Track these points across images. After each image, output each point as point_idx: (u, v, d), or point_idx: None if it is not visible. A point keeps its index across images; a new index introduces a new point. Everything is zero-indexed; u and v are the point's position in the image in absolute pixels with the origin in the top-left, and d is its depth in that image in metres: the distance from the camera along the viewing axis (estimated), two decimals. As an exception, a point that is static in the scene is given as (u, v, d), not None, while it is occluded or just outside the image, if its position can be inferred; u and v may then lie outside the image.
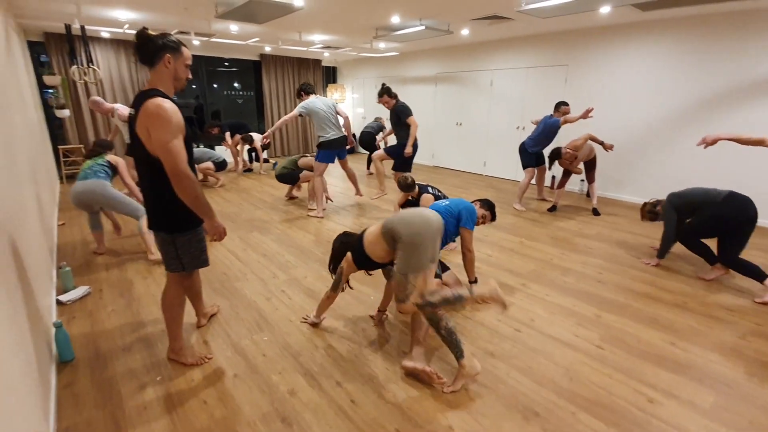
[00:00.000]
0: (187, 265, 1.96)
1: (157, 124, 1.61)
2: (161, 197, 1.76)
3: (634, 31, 5.13)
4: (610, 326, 2.49)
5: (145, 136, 1.66)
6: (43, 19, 5.13)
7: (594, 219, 4.68)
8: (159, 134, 1.61)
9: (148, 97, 1.64)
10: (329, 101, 4.44)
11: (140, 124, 1.65)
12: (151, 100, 1.63)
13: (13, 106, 3.07)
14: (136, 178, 2.12)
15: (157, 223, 1.85)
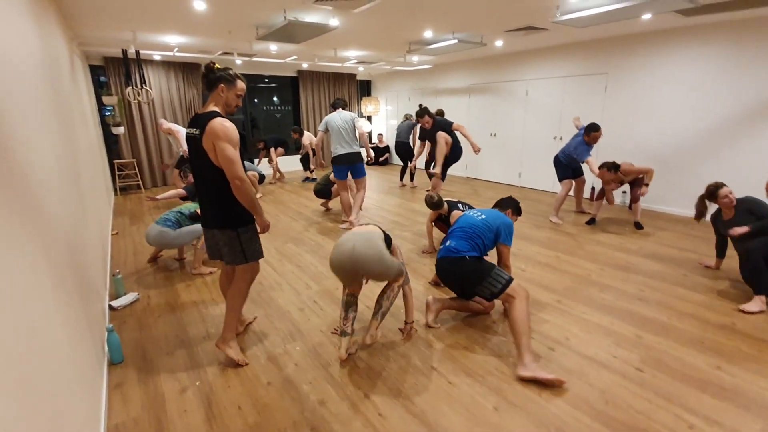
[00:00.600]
0: (249, 257, 2.21)
1: (221, 139, 1.95)
2: (226, 199, 2.08)
3: (677, 36, 4.92)
4: (651, 347, 2.37)
5: (210, 150, 1.99)
6: (103, 46, 5.62)
7: (636, 233, 4.47)
8: (222, 147, 1.95)
9: (211, 118, 1.98)
10: (348, 116, 4.49)
11: (207, 140, 1.98)
12: (216, 119, 1.97)
13: (77, 125, 3.38)
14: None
15: (224, 222, 2.14)
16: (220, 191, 2.07)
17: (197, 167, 2.12)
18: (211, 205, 2.14)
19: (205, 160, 2.02)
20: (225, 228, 2.14)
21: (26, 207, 1.27)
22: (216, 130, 1.95)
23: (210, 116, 1.99)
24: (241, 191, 2.01)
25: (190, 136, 2.09)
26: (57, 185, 1.88)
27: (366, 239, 2.21)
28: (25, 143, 1.43)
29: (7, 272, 0.98)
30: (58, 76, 2.84)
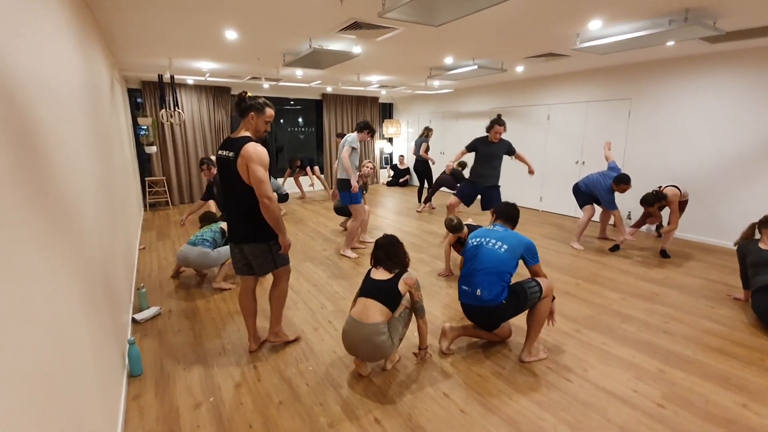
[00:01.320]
0: (278, 264, 2.47)
1: (254, 161, 2.19)
2: (257, 216, 2.28)
3: (703, 63, 4.85)
4: (675, 383, 2.27)
5: (244, 171, 2.21)
6: (142, 71, 5.99)
7: (662, 261, 4.32)
8: (254, 169, 2.18)
9: (245, 142, 2.22)
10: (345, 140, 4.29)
11: (241, 162, 2.20)
12: (250, 144, 2.22)
13: (113, 144, 3.60)
14: None
15: (256, 236, 2.35)
16: (251, 208, 2.27)
17: (229, 187, 2.31)
18: (243, 222, 2.33)
19: (237, 180, 2.23)
20: (257, 242, 2.35)
21: (61, 220, 1.36)
22: (250, 154, 2.18)
23: (244, 141, 2.23)
24: (268, 209, 2.23)
25: (223, 158, 2.29)
26: (91, 200, 2.01)
27: (367, 339, 2.18)
28: (64, 162, 1.54)
29: (41, 280, 1.06)
30: (98, 99, 3.05)
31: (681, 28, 3.23)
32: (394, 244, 2.40)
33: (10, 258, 0.88)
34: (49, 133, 1.38)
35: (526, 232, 5.51)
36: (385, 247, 2.39)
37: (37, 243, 1.08)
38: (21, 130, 1.08)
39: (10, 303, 0.85)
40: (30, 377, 0.91)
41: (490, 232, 2.62)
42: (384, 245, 2.40)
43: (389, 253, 2.37)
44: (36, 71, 1.32)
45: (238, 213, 2.33)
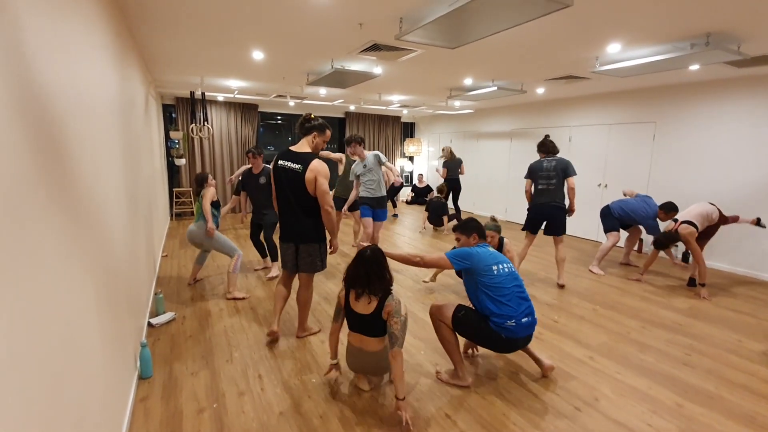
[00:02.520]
0: (321, 267, 2.80)
1: (321, 175, 2.59)
2: (317, 220, 2.68)
3: (729, 87, 4.73)
4: (694, 419, 2.14)
5: (310, 183, 2.58)
6: (176, 88, 6.34)
7: (688, 290, 4.13)
8: (321, 182, 2.58)
9: (312, 158, 2.62)
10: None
11: (309, 176, 2.57)
12: (317, 161, 2.61)
13: (143, 156, 3.80)
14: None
15: (312, 238, 2.71)
16: (310, 214, 2.65)
17: (290, 194, 2.64)
18: (301, 224, 2.68)
19: (302, 190, 2.60)
20: (312, 242, 2.71)
21: (83, 222, 1.46)
22: (318, 169, 2.59)
23: (311, 157, 2.63)
24: (330, 216, 2.64)
25: (288, 168, 2.63)
26: (115, 206, 2.13)
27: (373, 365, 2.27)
28: (90, 169, 1.66)
29: (57, 276, 1.13)
30: (132, 113, 3.25)
31: (703, 52, 3.18)
32: (379, 263, 2.17)
33: (31, 252, 0.95)
34: (79, 143, 1.49)
35: (547, 255, 5.40)
36: (369, 265, 2.15)
37: (58, 241, 1.16)
38: (50, 137, 1.18)
39: (24, 294, 0.92)
40: (38, 370, 0.96)
41: (495, 255, 2.35)
42: (368, 262, 2.16)
43: (373, 273, 2.14)
44: (70, 88, 1.44)
45: (297, 217, 2.67)
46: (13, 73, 0.95)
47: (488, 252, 2.35)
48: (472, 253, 2.32)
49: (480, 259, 2.29)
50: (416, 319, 3.32)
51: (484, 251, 2.34)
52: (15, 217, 0.91)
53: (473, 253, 2.31)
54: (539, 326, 3.23)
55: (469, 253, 2.32)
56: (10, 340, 0.85)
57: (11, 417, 0.84)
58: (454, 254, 2.33)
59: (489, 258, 2.31)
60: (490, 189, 8.27)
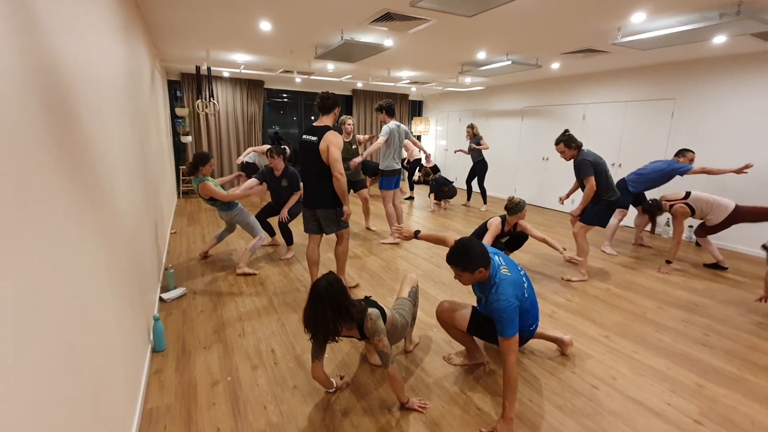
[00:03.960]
0: (342, 226, 3.08)
1: (333, 144, 2.83)
2: (330, 188, 2.92)
3: (754, 62, 4.52)
4: (716, 400, 2.10)
5: (324, 152, 2.84)
6: (181, 62, 6.20)
7: (705, 271, 4.06)
8: (333, 151, 2.82)
9: (327, 130, 2.87)
10: (404, 128, 4.64)
11: (323, 145, 2.83)
12: (331, 131, 2.87)
13: (150, 132, 3.72)
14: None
15: (328, 203, 2.96)
16: (325, 182, 2.91)
17: (310, 164, 2.93)
18: (321, 191, 2.94)
19: (317, 159, 2.86)
20: (331, 207, 2.97)
21: (93, 192, 1.40)
22: (330, 139, 2.84)
23: (326, 129, 2.88)
24: (339, 182, 2.88)
25: (308, 141, 2.91)
26: (124, 179, 2.07)
27: None
28: (100, 138, 1.59)
29: (70, 243, 1.08)
30: (139, 88, 3.16)
31: (732, 22, 3.02)
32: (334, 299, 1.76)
33: (42, 218, 0.90)
34: (88, 112, 1.43)
35: (558, 235, 5.32)
36: (324, 308, 1.74)
37: (69, 209, 1.10)
38: (61, 105, 1.11)
39: (37, 260, 0.87)
40: (54, 340, 0.92)
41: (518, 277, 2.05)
42: (322, 302, 1.74)
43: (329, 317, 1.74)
44: (78, 54, 1.36)
45: (315, 185, 2.95)
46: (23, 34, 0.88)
47: (511, 279, 1.96)
48: (514, 304, 1.87)
49: (519, 297, 1.95)
50: (427, 296, 3.28)
51: (510, 282, 1.93)
52: (24, 179, 0.85)
53: (514, 303, 1.88)
54: (553, 305, 3.18)
55: (516, 309, 1.87)
56: (26, 310, 0.81)
57: (33, 388, 0.81)
58: (510, 321, 1.83)
59: (519, 285, 1.98)
60: (501, 168, 8.12)
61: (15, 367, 0.76)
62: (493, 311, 1.88)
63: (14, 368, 0.75)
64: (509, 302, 1.86)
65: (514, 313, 1.85)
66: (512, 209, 3.42)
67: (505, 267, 2.03)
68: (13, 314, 0.77)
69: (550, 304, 3.19)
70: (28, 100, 0.92)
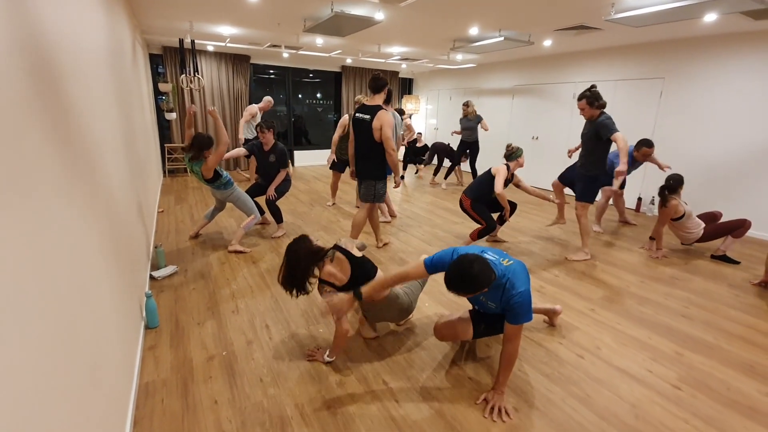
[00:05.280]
0: (378, 199, 3.53)
1: (386, 124, 3.18)
2: (379, 162, 3.35)
3: (744, 41, 4.55)
4: (693, 367, 2.21)
5: (377, 130, 3.20)
6: (163, 35, 5.96)
7: (687, 248, 4.18)
8: (386, 130, 3.19)
9: (379, 109, 3.22)
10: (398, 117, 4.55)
11: (377, 123, 3.19)
12: (383, 111, 3.21)
13: (134, 107, 3.61)
14: None
15: (372, 176, 3.42)
16: (373, 156, 3.31)
17: (362, 140, 3.31)
18: (368, 165, 3.38)
19: (369, 136, 3.23)
20: (372, 180, 3.41)
21: (82, 165, 1.36)
22: (384, 118, 3.17)
23: (378, 108, 3.22)
24: (391, 157, 3.28)
25: (361, 119, 3.26)
26: (111, 153, 2.02)
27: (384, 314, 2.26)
28: (85, 109, 1.54)
29: (62, 213, 1.06)
30: (120, 61, 3.04)
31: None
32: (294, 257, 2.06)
33: (32, 189, 0.87)
34: (71, 83, 1.37)
35: (547, 214, 5.40)
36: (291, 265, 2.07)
37: (59, 181, 1.07)
38: (45, 74, 1.06)
39: (33, 234, 0.85)
40: (53, 314, 0.92)
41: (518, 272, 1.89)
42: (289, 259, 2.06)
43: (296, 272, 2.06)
44: (58, 25, 1.30)
45: (363, 158, 3.38)
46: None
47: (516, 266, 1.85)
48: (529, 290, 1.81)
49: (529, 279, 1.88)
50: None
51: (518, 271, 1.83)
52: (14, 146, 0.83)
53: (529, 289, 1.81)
54: (541, 280, 3.26)
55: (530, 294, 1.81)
56: (21, 282, 0.80)
57: (33, 363, 0.80)
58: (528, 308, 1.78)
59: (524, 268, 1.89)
60: (491, 148, 8.12)
61: (19, 342, 0.75)
62: (513, 306, 1.76)
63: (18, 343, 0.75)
64: (527, 291, 1.77)
65: (530, 298, 1.78)
66: (511, 155, 3.69)
67: (504, 258, 1.87)
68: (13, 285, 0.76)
69: (539, 280, 3.27)
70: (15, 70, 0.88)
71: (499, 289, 1.80)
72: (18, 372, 0.75)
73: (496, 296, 1.83)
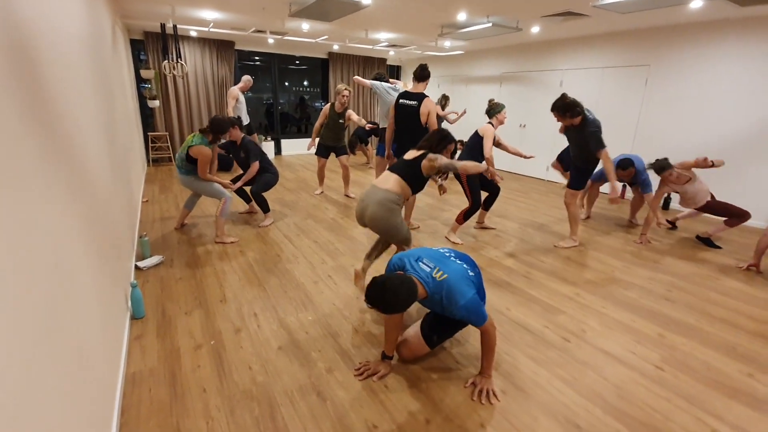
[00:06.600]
0: None
1: (433, 111, 3.50)
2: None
3: (729, 28, 4.60)
4: (675, 348, 2.27)
5: (424, 115, 3.50)
6: (144, 19, 5.77)
7: (670, 233, 4.27)
8: (432, 116, 3.49)
9: (424, 97, 3.54)
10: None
11: (425, 109, 3.51)
12: (428, 98, 3.55)
13: (115, 94, 3.50)
14: None
15: None
16: (417, 140, 2.96)
17: (406, 124, 3.56)
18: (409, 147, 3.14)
19: (416, 120, 3.52)
20: None
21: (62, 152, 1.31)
22: (431, 105, 3.51)
23: (423, 96, 3.54)
24: None
25: (407, 105, 3.55)
26: (93, 141, 1.95)
27: (377, 202, 2.41)
28: (67, 102, 1.48)
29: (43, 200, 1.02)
30: (101, 45, 2.93)
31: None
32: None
33: (9, 178, 0.84)
34: (49, 66, 1.31)
35: (533, 201, 5.45)
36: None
37: (37, 170, 1.03)
38: (20, 57, 1.01)
39: (12, 222, 0.82)
40: (35, 303, 0.89)
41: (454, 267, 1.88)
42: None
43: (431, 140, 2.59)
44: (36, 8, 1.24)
45: (407, 143, 3.45)
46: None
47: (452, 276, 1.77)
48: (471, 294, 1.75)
49: (472, 282, 1.85)
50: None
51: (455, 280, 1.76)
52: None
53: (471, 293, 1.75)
54: (528, 266, 3.30)
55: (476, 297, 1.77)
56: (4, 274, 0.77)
57: (19, 355, 0.78)
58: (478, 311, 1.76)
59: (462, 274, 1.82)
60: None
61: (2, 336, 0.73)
62: (462, 317, 1.75)
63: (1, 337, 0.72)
64: (469, 297, 1.72)
65: (478, 303, 1.74)
66: (492, 110, 3.76)
67: (437, 268, 1.79)
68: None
69: (524, 266, 3.31)
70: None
71: (436, 304, 1.79)
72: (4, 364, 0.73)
73: (438, 308, 1.82)
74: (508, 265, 3.31)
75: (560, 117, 3.37)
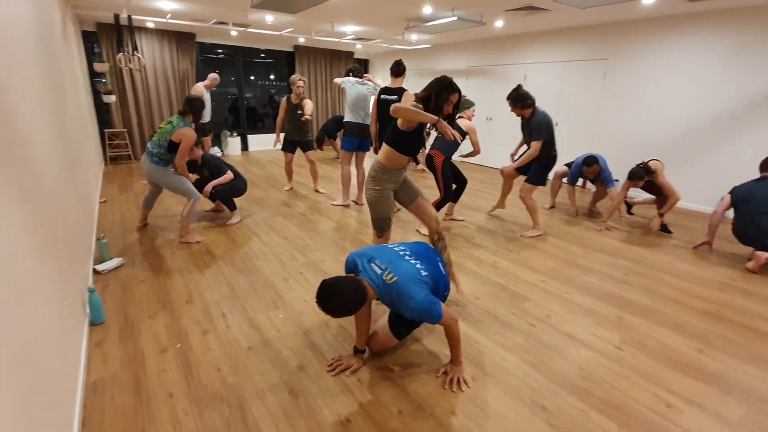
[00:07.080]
0: None
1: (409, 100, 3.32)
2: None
3: (680, 23, 4.85)
4: (633, 329, 2.39)
5: None
6: (96, 9, 5.44)
7: (629, 221, 4.48)
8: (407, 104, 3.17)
9: (404, 90, 3.72)
10: (370, 88, 4.40)
11: (404, 101, 3.55)
12: (408, 92, 3.67)
13: (67, 89, 3.30)
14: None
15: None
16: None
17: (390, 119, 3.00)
18: None
19: None
20: None
21: (6, 153, 1.23)
22: (411, 98, 3.46)
23: (403, 90, 3.73)
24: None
25: (389, 100, 3.69)
26: (42, 140, 1.83)
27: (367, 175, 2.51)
28: (9, 92, 1.38)
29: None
30: (50, 36, 2.75)
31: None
32: None
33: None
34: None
35: (497, 192, 5.56)
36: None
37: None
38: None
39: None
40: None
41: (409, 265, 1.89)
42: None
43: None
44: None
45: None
46: None
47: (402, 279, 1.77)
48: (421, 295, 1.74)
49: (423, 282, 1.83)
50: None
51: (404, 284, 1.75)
52: None
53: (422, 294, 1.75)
54: (496, 256, 3.39)
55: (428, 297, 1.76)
56: None
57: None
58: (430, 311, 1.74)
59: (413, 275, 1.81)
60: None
61: None
62: (411, 317, 1.78)
63: None
64: (418, 299, 1.71)
65: (429, 303, 1.73)
66: (461, 105, 3.70)
67: (388, 270, 1.79)
68: None
69: (493, 255, 3.40)
70: None
71: (389, 304, 1.83)
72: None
73: (392, 308, 1.86)
74: (477, 255, 3.38)
75: (513, 107, 3.65)
